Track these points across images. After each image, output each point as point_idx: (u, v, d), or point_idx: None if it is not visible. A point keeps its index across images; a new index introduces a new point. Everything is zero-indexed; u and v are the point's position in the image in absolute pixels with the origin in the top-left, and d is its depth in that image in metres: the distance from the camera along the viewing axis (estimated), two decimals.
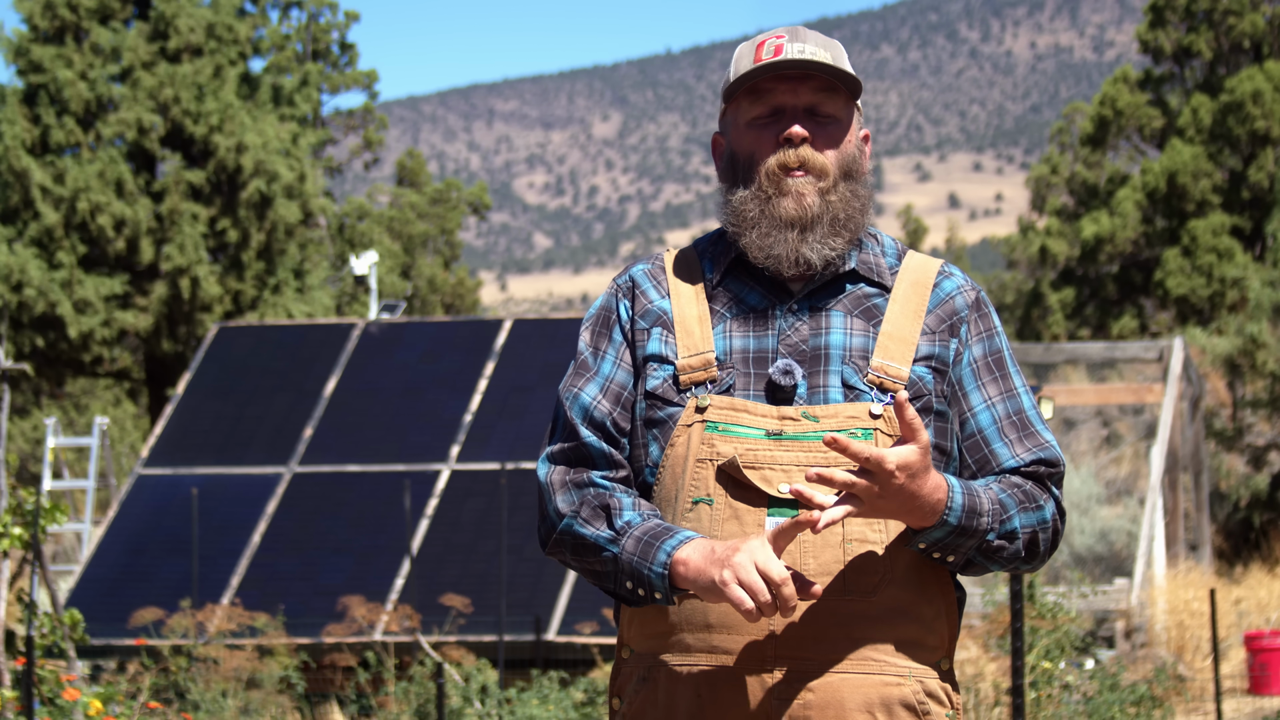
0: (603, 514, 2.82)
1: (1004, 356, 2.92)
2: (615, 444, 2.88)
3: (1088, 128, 33.49)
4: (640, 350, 2.90)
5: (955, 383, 2.88)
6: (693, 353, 2.87)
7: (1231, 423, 23.76)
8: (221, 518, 14.21)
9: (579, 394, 2.89)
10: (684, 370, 2.86)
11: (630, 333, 2.92)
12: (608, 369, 2.92)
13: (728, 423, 2.81)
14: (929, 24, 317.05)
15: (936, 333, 2.89)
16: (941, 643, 2.84)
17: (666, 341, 2.89)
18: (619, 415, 2.89)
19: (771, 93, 2.88)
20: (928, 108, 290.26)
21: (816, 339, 2.85)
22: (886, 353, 2.85)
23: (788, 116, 2.87)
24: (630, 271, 2.99)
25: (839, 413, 2.80)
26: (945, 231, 69.14)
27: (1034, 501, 2.82)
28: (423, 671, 10.81)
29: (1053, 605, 9.40)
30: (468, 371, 15.20)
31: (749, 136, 2.90)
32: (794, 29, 2.91)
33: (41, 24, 26.24)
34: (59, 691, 7.79)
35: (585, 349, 2.94)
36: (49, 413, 27.43)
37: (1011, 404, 2.89)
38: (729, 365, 2.85)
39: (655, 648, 2.84)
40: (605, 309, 2.96)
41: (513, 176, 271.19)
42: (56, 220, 25.23)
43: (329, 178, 35.55)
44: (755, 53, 2.89)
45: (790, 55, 2.85)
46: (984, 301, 2.95)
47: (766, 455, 2.78)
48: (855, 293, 2.91)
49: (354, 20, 36.43)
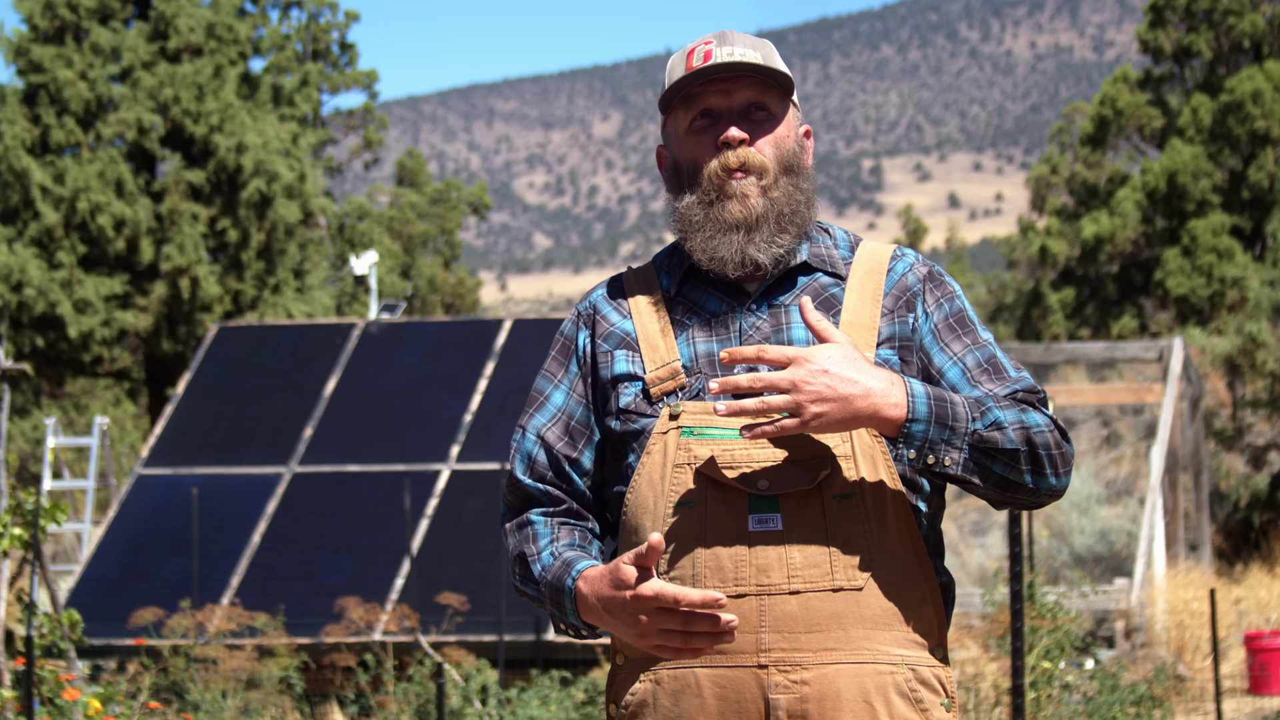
0: (526, 561, 2.93)
1: (966, 315, 2.95)
2: (561, 476, 2.96)
3: (1088, 128, 33.49)
4: (606, 372, 2.93)
5: (920, 348, 2.91)
6: (659, 364, 2.90)
7: (1231, 423, 23.76)
8: (221, 518, 14.21)
9: (525, 432, 2.99)
10: (653, 382, 2.89)
11: (591, 359, 2.97)
12: (559, 399, 2.98)
13: (702, 426, 2.84)
14: (929, 24, 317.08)
15: (894, 311, 2.92)
16: (931, 629, 2.85)
17: (633, 360, 2.92)
18: (564, 446, 2.95)
19: (704, 97, 2.92)
20: (928, 108, 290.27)
21: (779, 335, 2.89)
22: (852, 341, 2.85)
23: (724, 119, 2.92)
24: (591, 297, 3.04)
25: None
26: (945, 231, 69.16)
27: (1015, 405, 2.82)
28: (423, 671, 10.81)
29: (1053, 605, 9.40)
30: (468, 371, 15.21)
31: (689, 143, 2.94)
32: (722, 34, 2.96)
33: (41, 24, 26.24)
34: (59, 691, 7.79)
35: (541, 378, 3.02)
36: (49, 413, 27.44)
37: (981, 353, 2.91)
38: (696, 370, 2.88)
39: (650, 653, 2.85)
40: (567, 338, 3.02)
41: (513, 176, 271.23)
42: (56, 220, 25.23)
43: (329, 178, 35.56)
44: (686, 61, 2.94)
45: (719, 59, 2.90)
46: (937, 273, 2.98)
47: (743, 454, 2.81)
48: (811, 285, 2.94)
49: (354, 20, 36.43)
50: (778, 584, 2.77)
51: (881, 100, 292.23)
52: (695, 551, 2.80)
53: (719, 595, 2.69)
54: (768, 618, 2.78)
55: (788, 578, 2.77)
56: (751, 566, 2.77)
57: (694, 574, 2.80)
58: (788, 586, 2.77)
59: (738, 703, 2.79)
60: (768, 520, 2.78)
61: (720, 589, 2.78)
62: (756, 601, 2.78)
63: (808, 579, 2.77)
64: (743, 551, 2.78)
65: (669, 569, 2.82)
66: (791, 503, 2.78)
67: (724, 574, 2.78)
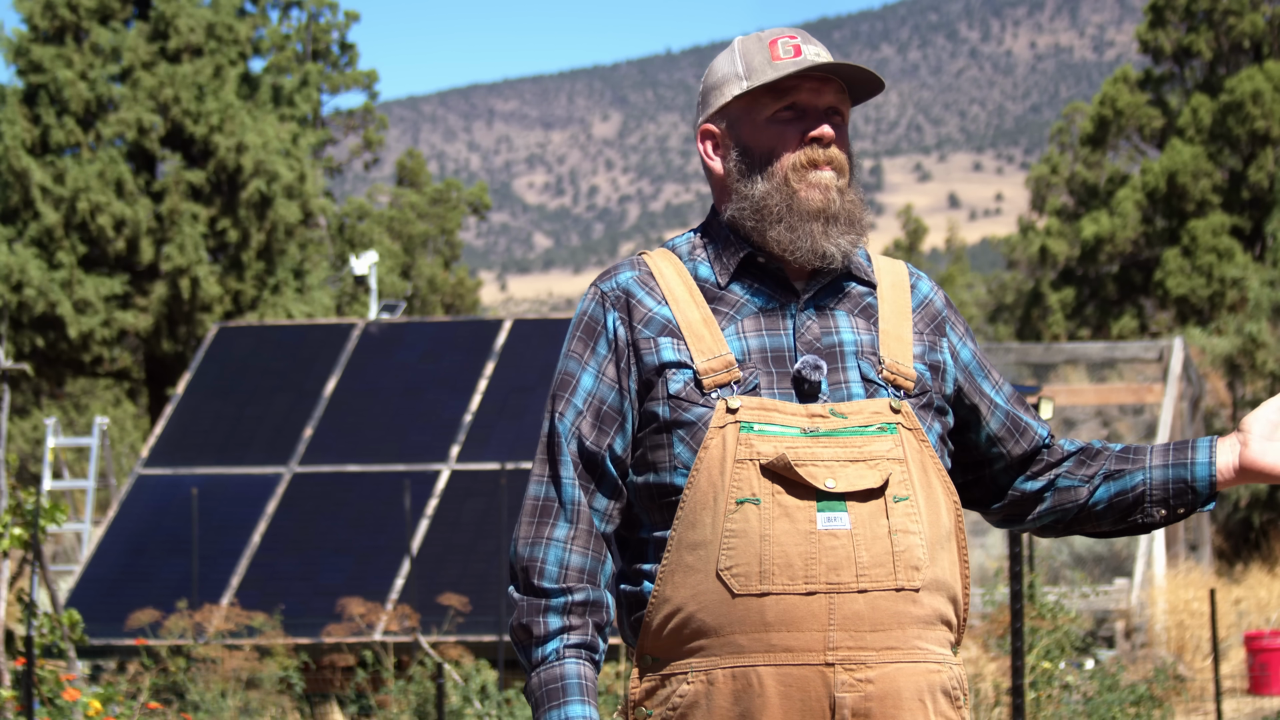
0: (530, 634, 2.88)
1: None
2: (592, 469, 2.89)
3: (1088, 128, 33.49)
4: (652, 359, 2.89)
5: (969, 379, 3.03)
6: (709, 356, 2.88)
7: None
8: (221, 518, 14.21)
9: (563, 415, 2.91)
10: (706, 374, 2.86)
11: (631, 344, 2.92)
12: (589, 383, 2.92)
13: (761, 422, 2.83)
14: (929, 24, 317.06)
15: (925, 334, 2.98)
16: (956, 629, 2.92)
17: (679, 348, 2.89)
18: (596, 435, 2.89)
19: (796, 91, 2.94)
20: (928, 108, 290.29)
21: (829, 336, 2.90)
22: (890, 350, 2.92)
23: (811, 116, 2.94)
24: (617, 279, 2.97)
25: (864, 409, 2.85)
26: (945, 231, 69.12)
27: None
28: (422, 671, 10.81)
29: (1053, 605, 9.40)
30: (468, 371, 15.20)
31: (769, 132, 2.94)
32: (800, 31, 3.00)
33: (41, 24, 26.24)
34: (59, 691, 7.79)
35: (570, 360, 2.94)
36: (49, 413, 27.43)
37: (1007, 387, 3.11)
38: (749, 365, 2.87)
39: (696, 652, 2.84)
40: (592, 319, 2.95)
41: (513, 176, 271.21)
42: (56, 220, 25.23)
43: (329, 178, 35.55)
44: (770, 50, 2.95)
45: (808, 57, 2.94)
46: (951, 301, 3.12)
47: (807, 453, 2.81)
48: (851, 292, 2.97)
49: (354, 20, 36.43)
50: (847, 583, 2.78)
51: (881, 100, 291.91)
52: (761, 548, 2.79)
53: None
54: (837, 616, 2.78)
55: (856, 576, 2.78)
56: (822, 564, 2.78)
57: (761, 570, 2.79)
58: (856, 585, 2.78)
59: (802, 701, 2.78)
60: (836, 519, 2.79)
61: (789, 586, 2.78)
62: (826, 600, 2.78)
63: (874, 578, 2.79)
64: (813, 549, 2.78)
65: (731, 564, 2.80)
66: (857, 502, 2.80)
67: (794, 571, 2.78)
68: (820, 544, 2.78)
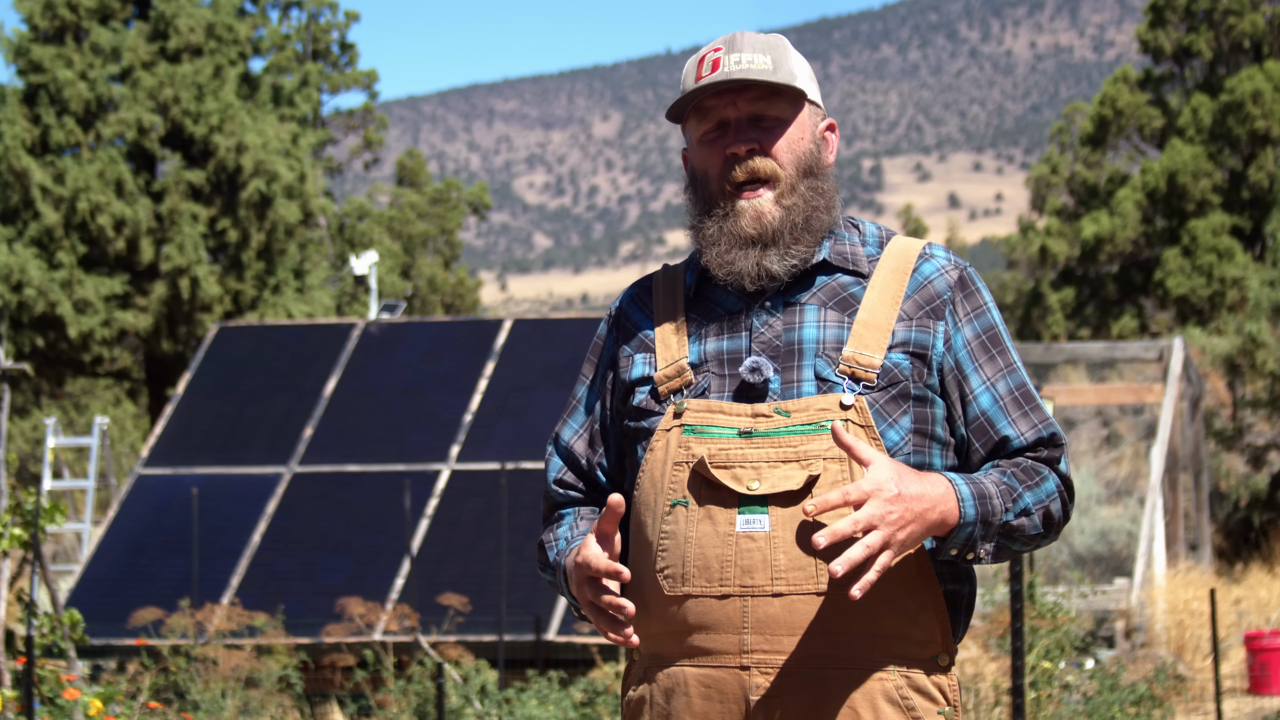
0: (543, 547, 3.02)
1: (998, 332, 2.92)
2: (590, 483, 3.02)
3: (1088, 128, 33.48)
4: (626, 375, 2.95)
5: (954, 367, 2.88)
6: (669, 363, 2.90)
7: (1231, 423, 23.76)
8: (221, 518, 14.21)
9: (557, 440, 3.06)
10: (660, 381, 2.89)
11: (615, 362, 2.99)
12: (588, 404, 3.04)
13: (703, 424, 2.83)
14: (929, 24, 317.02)
15: (914, 318, 2.87)
16: (932, 637, 2.82)
17: (649, 363, 2.93)
18: (590, 452, 3.02)
19: (714, 108, 2.90)
20: (928, 108, 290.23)
21: (790, 334, 2.86)
22: (860, 342, 2.84)
23: (731, 130, 2.89)
24: (620, 299, 3.07)
25: (809, 406, 2.80)
26: (945, 231, 69.16)
27: (1036, 476, 2.83)
28: (422, 671, 10.81)
29: (1053, 605, 9.40)
30: (468, 371, 15.20)
31: (701, 154, 2.93)
32: (732, 38, 2.92)
33: (41, 24, 26.24)
34: (59, 691, 7.79)
35: (578, 382, 3.08)
36: (49, 413, 27.43)
37: (1012, 379, 2.89)
38: (704, 369, 2.88)
39: (649, 650, 2.89)
40: (599, 339, 3.07)
41: (513, 176, 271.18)
42: (56, 220, 25.23)
43: (329, 178, 35.55)
44: (697, 70, 2.91)
45: (726, 68, 2.86)
46: (969, 279, 2.93)
47: (737, 454, 2.80)
48: (830, 284, 2.91)
49: (354, 20, 36.43)
50: (761, 585, 2.76)
51: (881, 100, 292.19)
52: (685, 550, 2.80)
53: (621, 569, 2.75)
54: (750, 619, 2.77)
55: (771, 579, 2.76)
56: (736, 567, 2.77)
57: (683, 573, 2.80)
58: (771, 589, 2.76)
59: (721, 703, 2.79)
60: (755, 521, 2.77)
61: (706, 589, 2.78)
62: (740, 602, 2.77)
63: (792, 581, 2.75)
64: (729, 551, 2.77)
65: (663, 567, 2.82)
66: (779, 506, 2.76)
67: (710, 574, 2.78)
68: (737, 546, 2.77)
